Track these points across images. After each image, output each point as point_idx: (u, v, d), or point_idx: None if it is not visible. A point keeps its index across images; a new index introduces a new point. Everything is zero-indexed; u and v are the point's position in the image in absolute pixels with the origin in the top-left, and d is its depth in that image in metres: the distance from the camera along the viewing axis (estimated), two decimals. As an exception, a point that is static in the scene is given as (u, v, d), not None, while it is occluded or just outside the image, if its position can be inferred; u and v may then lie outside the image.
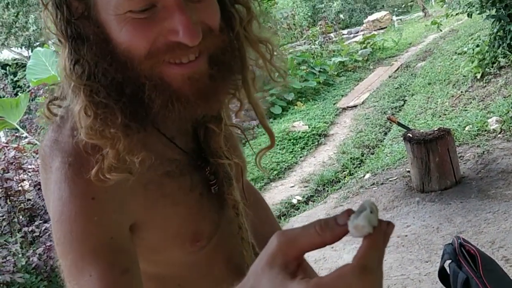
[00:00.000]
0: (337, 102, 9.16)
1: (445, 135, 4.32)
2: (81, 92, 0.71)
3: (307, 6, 21.07)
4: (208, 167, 0.88)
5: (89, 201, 0.72)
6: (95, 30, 0.72)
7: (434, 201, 4.27)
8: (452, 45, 10.14)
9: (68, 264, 0.72)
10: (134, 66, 0.72)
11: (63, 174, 0.73)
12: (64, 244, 0.73)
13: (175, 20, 0.69)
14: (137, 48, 0.71)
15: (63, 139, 0.76)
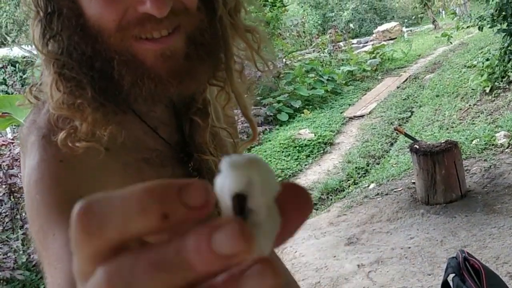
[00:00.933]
0: (344, 111, 9.14)
1: (452, 148, 4.29)
2: (52, 66, 0.70)
3: (317, 14, 21.13)
4: (191, 162, 0.84)
5: (57, 163, 0.71)
6: (69, 4, 0.71)
7: (438, 214, 4.24)
8: (461, 58, 10.11)
9: (36, 229, 0.68)
10: (104, 40, 0.70)
11: (36, 146, 0.73)
12: (31, 209, 0.70)
13: None
14: (106, 20, 0.68)
15: (40, 119, 0.75)
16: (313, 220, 4.80)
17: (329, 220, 4.67)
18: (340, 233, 4.33)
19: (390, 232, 4.15)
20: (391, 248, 3.88)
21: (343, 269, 3.74)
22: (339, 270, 3.75)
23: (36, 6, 0.71)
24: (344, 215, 4.69)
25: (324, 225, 4.57)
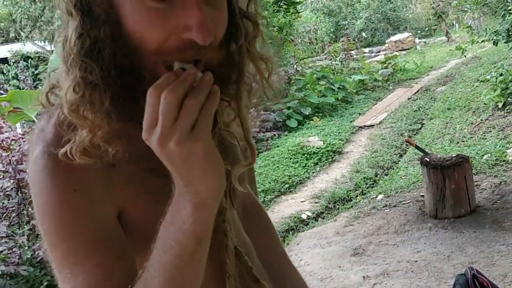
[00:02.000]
0: (354, 120, 9.11)
1: (463, 163, 4.25)
2: (77, 68, 0.69)
3: (330, 22, 21.11)
4: None
5: (72, 193, 0.72)
6: (108, 10, 0.70)
7: (446, 229, 4.20)
8: (474, 72, 10.06)
9: (60, 254, 0.73)
10: (141, 56, 0.70)
11: (43, 164, 0.73)
12: (53, 235, 0.73)
13: (191, 16, 0.67)
14: (149, 40, 0.69)
15: (48, 129, 0.75)
16: (319, 229, 4.77)
17: (335, 229, 4.64)
18: (346, 244, 4.30)
19: (397, 244, 4.12)
20: (397, 261, 3.85)
21: (348, 280, 3.71)
22: (344, 281, 3.72)
23: (72, 7, 0.70)
24: (351, 225, 4.66)
25: (330, 235, 4.54)
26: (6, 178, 4.47)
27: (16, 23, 17.92)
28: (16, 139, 4.69)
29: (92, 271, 0.72)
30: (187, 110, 0.62)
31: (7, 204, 4.56)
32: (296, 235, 4.82)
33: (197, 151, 0.63)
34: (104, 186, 0.74)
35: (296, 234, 4.89)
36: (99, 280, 0.72)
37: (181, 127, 0.62)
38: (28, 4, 16.74)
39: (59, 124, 0.73)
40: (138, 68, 0.71)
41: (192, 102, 0.63)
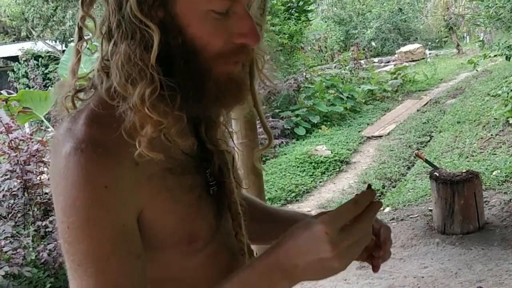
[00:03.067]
0: (362, 130, 9.07)
1: (473, 179, 4.21)
2: (155, 72, 0.77)
3: (340, 31, 21.10)
4: (208, 169, 0.93)
5: (103, 190, 0.76)
6: (169, 20, 0.79)
7: (454, 245, 4.15)
8: (485, 85, 10.01)
9: (84, 249, 0.76)
10: (202, 60, 0.81)
11: (76, 160, 0.76)
12: (80, 229, 0.76)
13: (245, 25, 0.81)
14: (214, 44, 0.80)
15: (77, 127, 0.79)
16: (325, 240, 4.73)
17: (341, 241, 4.60)
18: (352, 256, 4.25)
19: (404, 259, 4.08)
20: (404, 276, 3.81)
21: (353, 294, 3.68)
22: (350, 295, 3.68)
23: (150, 22, 0.77)
24: (357, 237, 4.62)
25: (336, 246, 4.50)
26: (13, 178, 4.46)
27: (28, 22, 18.01)
28: (24, 139, 4.68)
29: (116, 268, 0.77)
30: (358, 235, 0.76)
31: (13, 204, 4.56)
32: (302, 246, 4.78)
33: (337, 269, 0.75)
34: (130, 184, 0.79)
35: (302, 244, 4.85)
36: (121, 276, 0.77)
37: (350, 244, 0.75)
38: (41, 3, 16.81)
39: (90, 123, 0.79)
40: (204, 70, 0.82)
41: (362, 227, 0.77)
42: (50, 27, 17.51)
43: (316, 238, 0.73)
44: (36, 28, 17.91)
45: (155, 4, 0.78)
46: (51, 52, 16.67)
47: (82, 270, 0.76)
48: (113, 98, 0.79)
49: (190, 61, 0.81)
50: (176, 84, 0.79)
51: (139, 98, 0.76)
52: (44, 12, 16.97)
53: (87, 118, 0.80)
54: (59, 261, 4.17)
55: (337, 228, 0.73)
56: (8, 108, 5.32)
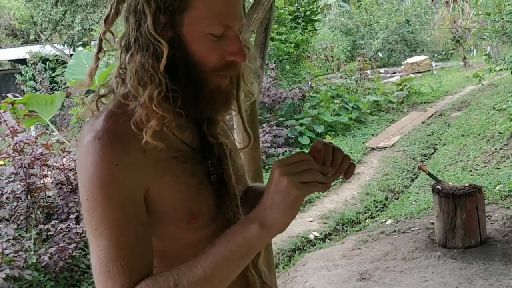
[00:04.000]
0: (367, 141, 9.07)
1: (476, 193, 4.20)
2: (163, 78, 0.98)
3: (347, 40, 21.12)
4: (209, 160, 1.12)
5: (115, 167, 0.95)
6: (176, 38, 1.01)
7: (455, 259, 4.13)
8: (490, 99, 9.99)
9: (99, 214, 0.94)
10: (199, 70, 1.02)
11: (94, 146, 0.95)
12: (95, 199, 0.94)
13: (235, 46, 1.03)
14: (208, 60, 1.02)
15: (97, 123, 0.99)
16: (327, 251, 4.73)
17: (342, 252, 4.60)
18: (352, 267, 4.25)
19: (404, 272, 4.06)
20: (404, 289, 3.79)
21: (353, 306, 3.66)
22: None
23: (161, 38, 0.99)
24: (358, 249, 4.61)
25: (337, 257, 4.50)
26: (17, 181, 4.49)
27: (37, 25, 18.12)
28: (29, 142, 4.71)
29: (126, 229, 0.94)
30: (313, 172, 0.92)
31: (16, 207, 4.58)
32: (303, 256, 4.78)
33: (300, 198, 0.91)
34: (138, 166, 0.97)
35: (303, 254, 4.85)
36: (131, 236, 0.95)
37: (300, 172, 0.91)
38: (50, 7, 16.93)
39: (107, 119, 0.99)
40: (201, 79, 1.03)
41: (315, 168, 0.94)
42: (58, 31, 17.63)
43: (274, 177, 0.91)
44: (45, 32, 18.02)
45: (166, 26, 1.00)
46: (58, 56, 16.76)
47: (98, 233, 0.94)
48: (127, 99, 1.01)
49: (190, 71, 1.02)
50: (178, 88, 1.01)
51: (148, 97, 0.97)
52: (53, 16, 17.08)
53: (105, 115, 1.00)
54: (60, 265, 4.18)
55: (285, 164, 0.91)
56: (14, 111, 5.36)
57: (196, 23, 1.01)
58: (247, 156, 2.69)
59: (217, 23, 1.01)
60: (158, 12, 0.99)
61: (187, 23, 1.01)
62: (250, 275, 1.15)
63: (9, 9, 21.48)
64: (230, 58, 1.03)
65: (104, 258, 0.93)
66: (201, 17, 1.00)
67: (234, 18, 1.04)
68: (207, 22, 1.00)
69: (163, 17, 0.99)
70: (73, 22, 16.97)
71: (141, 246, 0.96)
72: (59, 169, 4.92)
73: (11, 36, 23.71)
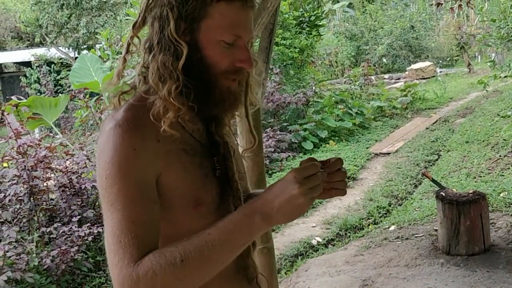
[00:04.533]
0: (370, 146, 9.05)
1: (480, 200, 4.18)
2: (181, 76, 1.11)
3: (351, 46, 21.12)
4: (216, 156, 1.22)
5: (132, 151, 1.07)
6: (193, 43, 1.14)
7: (459, 266, 4.11)
8: (495, 106, 9.96)
9: (115, 191, 1.05)
10: (210, 73, 1.16)
11: (115, 132, 1.07)
12: (113, 177, 1.06)
13: (244, 54, 1.17)
14: (219, 65, 1.16)
15: (118, 114, 1.11)
16: (329, 256, 4.71)
17: (345, 258, 4.57)
18: (355, 274, 4.23)
19: (407, 278, 4.04)
20: (407, 296, 3.77)
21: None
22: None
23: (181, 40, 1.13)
24: (361, 255, 4.59)
25: (340, 263, 4.47)
26: (20, 183, 4.48)
27: (42, 28, 18.19)
28: (32, 145, 4.71)
29: (139, 205, 1.05)
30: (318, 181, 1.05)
31: (18, 209, 4.57)
32: (305, 261, 4.76)
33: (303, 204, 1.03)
34: (152, 152, 1.09)
35: (305, 260, 4.83)
36: (142, 212, 1.05)
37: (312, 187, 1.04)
38: (55, 10, 16.99)
39: (127, 110, 1.12)
40: (207, 79, 1.16)
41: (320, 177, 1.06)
42: (63, 34, 17.68)
43: (287, 181, 1.03)
44: (50, 35, 18.09)
45: (185, 31, 1.13)
46: (63, 58, 16.81)
47: (113, 207, 1.05)
48: (147, 93, 1.14)
49: (204, 72, 1.15)
50: (192, 86, 1.13)
51: (167, 91, 1.10)
52: (58, 19, 17.14)
53: (125, 108, 1.13)
54: (62, 268, 4.18)
55: (303, 175, 1.02)
56: (18, 114, 5.37)
57: (211, 31, 1.15)
58: (251, 161, 2.67)
59: (229, 32, 1.15)
60: (180, 19, 1.12)
61: (204, 30, 1.15)
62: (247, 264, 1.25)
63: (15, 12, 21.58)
64: (239, 64, 1.17)
65: (117, 230, 1.04)
66: (216, 25, 1.14)
67: (244, 29, 1.18)
68: (221, 30, 1.14)
69: (183, 23, 1.13)
70: (78, 25, 17.03)
71: (151, 223, 1.06)
72: (62, 171, 4.92)
73: (16, 39, 23.81)
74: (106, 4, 17.27)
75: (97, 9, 17.07)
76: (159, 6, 1.14)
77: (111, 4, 17.43)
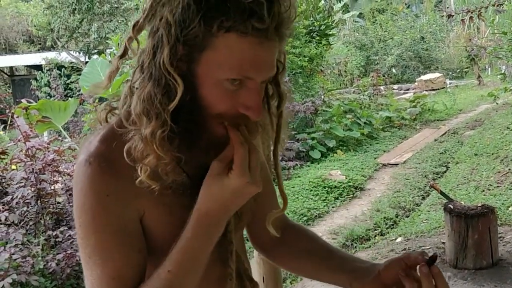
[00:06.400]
0: (378, 157, 9.01)
1: (488, 213, 4.14)
2: (168, 115, 0.89)
3: (361, 56, 21.11)
4: None
5: (105, 197, 0.91)
6: (188, 76, 0.90)
7: (466, 280, 4.07)
8: (504, 118, 9.89)
9: (92, 243, 0.92)
10: (206, 116, 0.92)
11: (84, 171, 0.91)
12: (88, 228, 0.92)
13: (252, 99, 0.91)
14: (216, 108, 0.91)
15: (94, 142, 0.94)
16: (335, 267, 4.67)
17: (351, 269, 4.54)
18: (361, 285, 4.19)
19: (414, 291, 4.00)
20: (413, 309, 3.72)
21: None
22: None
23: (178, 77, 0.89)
24: (367, 266, 4.55)
25: (346, 274, 4.44)
26: (27, 186, 4.50)
27: (53, 32, 18.35)
28: (41, 148, 4.73)
29: (119, 259, 0.92)
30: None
31: (25, 212, 4.58)
32: (310, 271, 4.72)
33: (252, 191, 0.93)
34: (130, 194, 0.93)
35: (311, 269, 4.79)
36: (124, 266, 0.93)
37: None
38: (67, 15, 17.14)
39: (103, 140, 0.94)
40: (199, 121, 0.93)
41: None
42: (75, 39, 17.83)
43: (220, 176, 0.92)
44: (61, 39, 18.24)
45: (182, 59, 0.89)
46: (74, 63, 16.93)
47: (92, 261, 0.93)
48: (128, 120, 0.92)
49: (195, 113, 0.92)
50: (178, 130, 0.91)
51: (150, 133, 0.89)
52: (70, 24, 17.29)
53: (102, 136, 0.95)
54: (67, 272, 4.17)
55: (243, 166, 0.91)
56: (27, 117, 5.40)
57: (213, 66, 0.88)
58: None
59: (236, 72, 0.88)
60: (177, 44, 0.87)
61: (204, 64, 0.89)
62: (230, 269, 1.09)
63: (27, 16, 21.78)
64: (244, 111, 0.91)
65: (97, 287, 0.94)
66: (219, 61, 0.88)
67: (259, 70, 0.90)
68: (225, 68, 0.88)
69: (181, 48, 0.88)
70: (89, 30, 17.16)
71: (133, 274, 0.95)
72: (70, 175, 4.93)
73: (28, 42, 24.03)
74: (117, 9, 17.41)
75: (108, 14, 17.20)
76: (158, 18, 0.88)
77: (123, 10, 17.56)
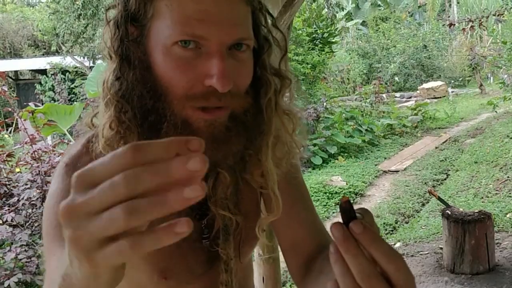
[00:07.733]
0: (379, 163, 9.08)
1: (485, 219, 4.21)
2: (113, 107, 0.77)
3: (363, 63, 21.19)
4: (205, 220, 0.89)
5: None
6: (142, 57, 0.77)
7: (463, 284, 4.13)
8: (505, 127, 9.95)
9: (44, 244, 0.83)
10: (167, 100, 0.76)
11: (59, 171, 0.85)
12: (43, 228, 0.83)
13: (213, 65, 0.73)
14: (176, 85, 0.75)
15: (76, 145, 0.87)
16: (334, 271, 4.74)
17: (350, 273, 4.60)
18: (359, 288, 4.25)
19: (411, 295, 4.06)
20: (410, 312, 3.79)
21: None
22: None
23: (113, 52, 0.79)
24: (366, 270, 4.62)
25: (344, 278, 4.51)
26: (33, 188, 4.58)
27: (59, 37, 18.50)
28: (47, 150, 4.82)
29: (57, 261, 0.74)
30: None
31: (31, 213, 4.66)
32: (310, 275, 4.79)
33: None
34: None
35: (310, 273, 4.85)
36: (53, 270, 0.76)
37: None
38: (72, 20, 17.29)
39: (85, 144, 0.86)
40: (162, 110, 0.77)
41: None
42: (79, 43, 17.96)
43: None
44: (66, 44, 18.37)
45: (137, 41, 0.78)
46: (78, 67, 17.05)
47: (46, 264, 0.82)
48: None
49: (148, 100, 0.77)
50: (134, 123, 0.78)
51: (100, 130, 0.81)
52: (75, 29, 17.43)
53: (86, 139, 0.87)
54: (71, 273, 4.24)
55: None
56: (34, 120, 5.49)
57: (159, 33, 0.75)
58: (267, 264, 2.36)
59: (182, 31, 0.73)
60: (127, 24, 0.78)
61: (152, 34, 0.77)
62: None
63: (33, 20, 21.96)
64: (208, 83, 0.74)
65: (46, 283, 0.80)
66: (163, 24, 0.74)
67: (209, 25, 0.73)
68: (170, 30, 0.74)
69: (134, 29, 0.78)
70: (94, 35, 17.29)
71: None
72: (75, 178, 5.01)
73: (33, 47, 24.20)
74: (122, 15, 17.52)
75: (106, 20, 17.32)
76: None
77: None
